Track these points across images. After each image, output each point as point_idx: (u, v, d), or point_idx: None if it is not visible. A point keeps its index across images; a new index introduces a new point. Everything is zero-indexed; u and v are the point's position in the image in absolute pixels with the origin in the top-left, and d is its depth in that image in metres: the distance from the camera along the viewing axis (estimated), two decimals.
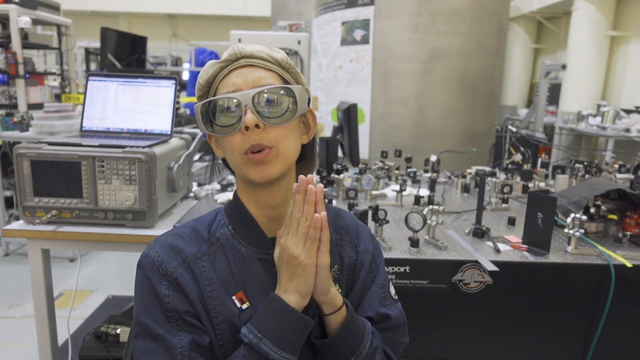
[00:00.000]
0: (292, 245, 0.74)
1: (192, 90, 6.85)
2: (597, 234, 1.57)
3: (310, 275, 0.74)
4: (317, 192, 0.74)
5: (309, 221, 0.73)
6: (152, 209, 1.49)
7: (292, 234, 0.75)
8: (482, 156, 3.16)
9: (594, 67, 6.03)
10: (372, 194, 2.00)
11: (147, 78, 1.70)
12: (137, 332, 0.76)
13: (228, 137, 0.77)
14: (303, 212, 0.74)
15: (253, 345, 0.72)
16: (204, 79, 0.81)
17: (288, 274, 0.75)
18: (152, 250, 0.78)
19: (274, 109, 0.76)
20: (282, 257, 0.76)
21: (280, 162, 0.77)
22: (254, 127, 0.74)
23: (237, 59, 0.79)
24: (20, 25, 3.54)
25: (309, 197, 0.74)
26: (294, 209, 0.75)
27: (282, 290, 0.76)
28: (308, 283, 0.74)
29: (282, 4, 5.91)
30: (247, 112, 0.74)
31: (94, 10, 11.33)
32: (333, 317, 0.80)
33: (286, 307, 0.74)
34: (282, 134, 0.77)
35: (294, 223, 0.75)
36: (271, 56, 0.80)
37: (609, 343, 1.36)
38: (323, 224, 0.73)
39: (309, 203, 0.74)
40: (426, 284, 1.34)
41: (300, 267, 0.73)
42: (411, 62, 3.32)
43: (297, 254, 0.73)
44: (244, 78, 0.77)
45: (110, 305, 2.93)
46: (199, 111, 0.79)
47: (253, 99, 0.75)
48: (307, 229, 0.73)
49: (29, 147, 1.44)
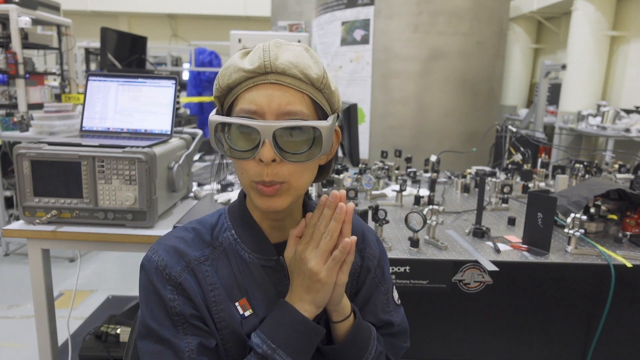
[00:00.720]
0: (312, 260, 0.71)
1: (192, 90, 6.85)
2: (597, 234, 1.57)
3: (328, 291, 0.73)
4: (347, 211, 0.71)
5: (333, 239, 0.71)
6: (152, 209, 1.49)
7: (312, 247, 0.72)
8: (482, 156, 3.16)
9: (594, 67, 6.03)
10: (372, 194, 2.00)
11: (147, 78, 1.70)
12: (143, 334, 0.75)
13: (241, 160, 0.72)
14: (328, 229, 0.71)
15: (267, 356, 0.71)
16: (225, 82, 0.72)
17: (305, 286, 0.73)
18: (155, 253, 0.77)
19: (296, 145, 0.70)
20: (297, 266, 0.74)
21: (290, 195, 0.73)
22: (270, 161, 0.69)
23: (265, 72, 0.69)
24: (20, 25, 3.54)
25: (338, 216, 0.71)
26: (320, 222, 0.72)
27: (296, 298, 0.74)
28: (325, 297, 0.74)
29: (282, 4, 5.91)
30: (265, 144, 0.68)
31: (94, 10, 11.33)
32: (341, 325, 0.79)
33: (301, 318, 0.73)
34: (298, 169, 0.71)
35: (316, 235, 0.72)
36: (305, 74, 0.70)
37: (609, 343, 1.36)
38: (352, 249, 0.71)
39: (337, 221, 0.71)
40: (426, 284, 1.34)
41: (319, 284, 0.71)
42: (411, 62, 3.32)
43: (317, 271, 0.71)
44: (269, 100, 0.69)
45: (110, 305, 2.93)
46: (213, 126, 0.72)
47: (275, 133, 0.68)
48: (330, 246, 0.71)
49: (29, 147, 1.44)
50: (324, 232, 0.72)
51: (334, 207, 0.72)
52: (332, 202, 0.72)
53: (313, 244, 0.72)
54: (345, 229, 0.72)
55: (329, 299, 0.74)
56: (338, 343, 0.80)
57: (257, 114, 0.69)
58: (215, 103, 0.77)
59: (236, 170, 0.75)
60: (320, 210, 0.73)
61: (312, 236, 0.73)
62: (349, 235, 0.72)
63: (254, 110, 0.69)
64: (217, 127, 0.72)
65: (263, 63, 0.69)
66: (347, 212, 0.71)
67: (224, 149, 0.72)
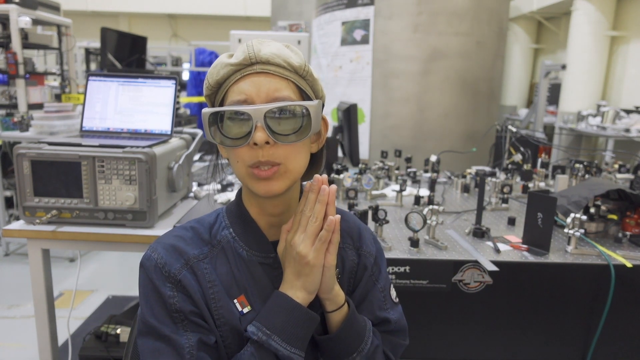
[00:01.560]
0: (300, 244, 0.73)
1: (192, 90, 6.85)
2: (597, 234, 1.57)
3: (317, 274, 0.75)
4: (330, 193, 0.74)
5: (318, 221, 0.73)
6: (152, 209, 1.49)
7: (300, 232, 0.74)
8: (482, 156, 3.16)
9: (593, 67, 6.02)
10: (372, 194, 2.00)
11: (147, 78, 1.70)
12: (143, 331, 0.76)
13: (235, 148, 0.74)
14: (314, 212, 0.74)
15: (262, 342, 0.72)
16: (214, 79, 0.76)
17: (295, 271, 0.75)
18: (154, 252, 0.78)
19: (287, 127, 0.73)
20: (288, 254, 0.76)
21: (287, 178, 0.75)
22: (264, 144, 0.72)
23: (251, 63, 0.73)
24: (20, 25, 3.54)
25: (321, 197, 0.74)
26: (305, 207, 0.75)
27: (288, 286, 0.76)
28: (315, 281, 0.75)
29: (282, 4, 5.91)
30: (257, 128, 0.71)
31: (94, 10, 11.33)
32: (335, 314, 0.80)
33: (294, 304, 0.74)
34: (292, 150, 0.74)
35: (303, 221, 0.75)
36: (288, 62, 0.75)
37: (609, 343, 1.36)
38: (336, 227, 0.73)
39: (321, 203, 0.73)
40: (426, 284, 1.34)
41: (307, 267, 0.73)
42: (411, 62, 3.32)
43: (305, 253, 0.73)
44: (257, 88, 0.73)
45: (110, 305, 2.93)
46: (206, 118, 0.75)
47: (265, 115, 0.71)
48: (316, 228, 0.73)
49: (29, 147, 1.44)
50: (310, 216, 0.74)
51: (317, 191, 0.74)
52: (314, 185, 0.74)
53: (301, 229, 0.74)
54: (329, 210, 0.74)
55: (319, 283, 0.76)
56: (332, 333, 0.81)
57: (247, 101, 0.73)
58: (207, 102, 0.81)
59: (231, 162, 0.78)
60: (305, 197, 0.75)
61: (300, 222, 0.75)
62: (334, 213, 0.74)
63: (243, 99, 0.73)
64: (209, 119, 0.75)
65: (248, 55, 0.73)
66: (330, 193, 0.74)
67: (218, 140, 0.75)
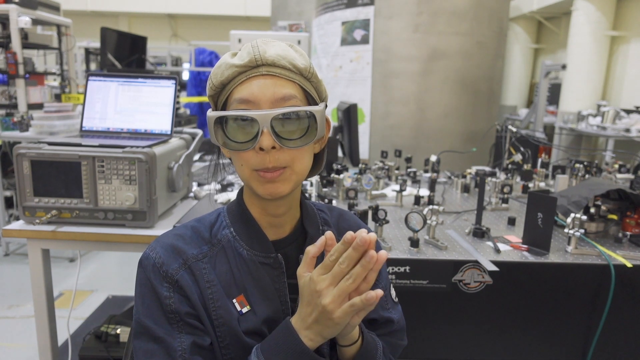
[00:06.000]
0: (327, 297, 0.65)
1: (192, 90, 6.85)
2: (597, 234, 1.57)
3: (339, 329, 0.68)
4: (378, 260, 0.64)
5: (355, 284, 0.64)
6: (152, 209, 1.49)
7: (329, 283, 0.65)
8: (482, 156, 3.16)
9: (594, 67, 6.03)
10: (372, 194, 2.00)
11: (147, 78, 1.70)
12: (138, 332, 0.76)
13: (240, 152, 0.73)
14: (352, 273, 0.64)
15: None
16: (218, 80, 0.75)
17: (314, 317, 0.68)
18: (153, 251, 0.78)
19: (293, 131, 0.72)
20: (310, 296, 0.68)
21: (292, 180, 0.74)
22: (270, 148, 0.71)
23: (257, 65, 0.73)
24: (20, 25, 3.54)
25: (366, 264, 0.64)
26: (342, 261, 0.65)
27: (302, 324, 0.69)
28: (334, 333, 0.69)
29: (282, 4, 5.91)
30: (264, 133, 0.70)
31: (94, 10, 11.33)
32: (349, 349, 0.79)
33: (303, 349, 0.68)
34: (297, 153, 0.74)
35: (336, 272, 0.65)
36: (294, 64, 0.74)
37: (609, 343, 1.36)
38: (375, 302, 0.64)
39: (364, 268, 0.64)
40: (426, 284, 1.34)
41: (331, 321, 0.66)
42: (411, 62, 3.32)
43: (332, 310, 0.65)
44: (263, 90, 0.72)
45: (110, 305, 2.93)
46: (212, 121, 0.74)
47: (272, 121, 0.70)
48: (349, 289, 0.65)
49: (29, 147, 1.44)
50: (346, 272, 0.65)
51: (360, 251, 0.64)
52: (360, 245, 0.64)
53: (331, 280, 0.65)
54: (370, 276, 0.65)
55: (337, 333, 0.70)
56: None
57: (253, 104, 0.72)
58: (210, 102, 0.80)
59: (235, 164, 0.77)
60: (345, 247, 0.65)
61: (332, 272, 0.66)
62: (372, 282, 0.66)
63: (249, 101, 0.72)
64: (215, 122, 0.74)
65: (254, 57, 0.73)
66: (377, 261, 0.64)
67: (223, 143, 0.74)
